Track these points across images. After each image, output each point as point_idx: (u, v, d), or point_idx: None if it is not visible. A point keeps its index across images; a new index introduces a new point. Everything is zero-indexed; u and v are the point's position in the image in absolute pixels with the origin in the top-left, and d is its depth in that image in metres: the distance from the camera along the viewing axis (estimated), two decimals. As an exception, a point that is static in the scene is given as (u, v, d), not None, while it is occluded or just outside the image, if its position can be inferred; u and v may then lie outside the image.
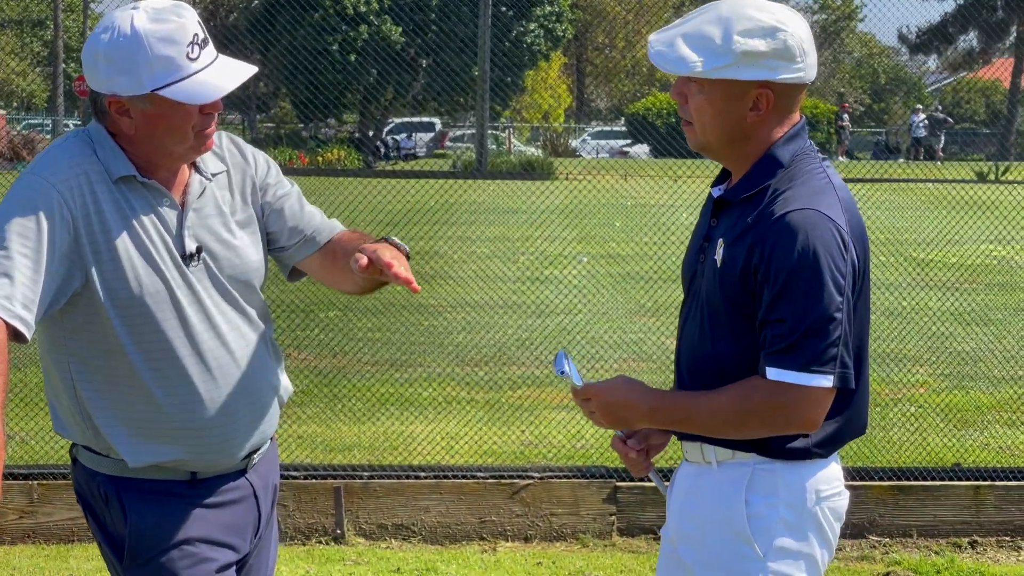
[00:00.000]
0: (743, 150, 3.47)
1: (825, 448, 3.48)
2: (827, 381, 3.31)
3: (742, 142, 3.46)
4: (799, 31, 3.40)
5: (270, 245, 3.86)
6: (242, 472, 3.82)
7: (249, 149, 3.85)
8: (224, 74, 3.61)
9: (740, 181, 3.49)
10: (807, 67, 3.42)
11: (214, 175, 3.75)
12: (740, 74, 3.37)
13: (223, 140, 3.83)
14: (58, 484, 7.35)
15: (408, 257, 3.69)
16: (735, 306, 3.40)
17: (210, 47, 3.61)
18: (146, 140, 3.60)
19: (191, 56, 3.55)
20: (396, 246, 3.69)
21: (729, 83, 3.39)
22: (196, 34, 3.57)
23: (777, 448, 3.43)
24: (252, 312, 3.78)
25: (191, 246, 3.64)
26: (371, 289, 3.75)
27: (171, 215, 3.64)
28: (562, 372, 3.60)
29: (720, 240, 3.45)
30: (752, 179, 3.45)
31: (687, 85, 3.45)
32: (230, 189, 3.78)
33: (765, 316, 3.33)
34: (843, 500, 3.56)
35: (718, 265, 3.43)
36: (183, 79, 3.53)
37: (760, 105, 3.41)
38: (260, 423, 3.79)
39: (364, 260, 3.52)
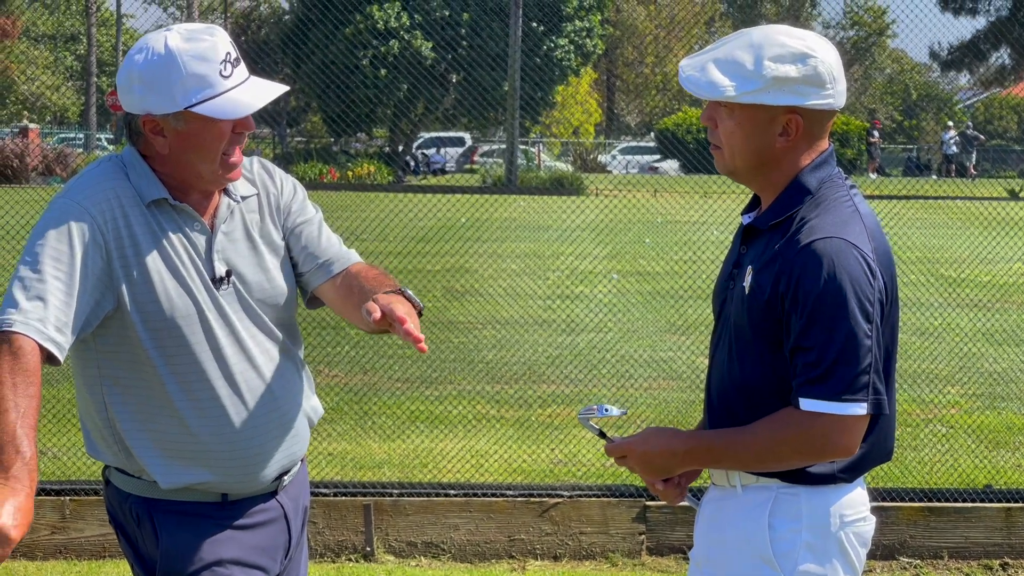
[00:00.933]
0: (771, 176, 3.49)
1: (849, 473, 3.48)
2: (860, 409, 3.32)
3: (770, 168, 3.47)
4: (829, 58, 3.42)
5: (293, 269, 3.88)
6: (273, 494, 3.83)
7: (279, 173, 3.88)
8: (255, 92, 3.65)
9: (768, 209, 3.50)
10: (837, 94, 3.44)
11: (244, 198, 3.78)
12: (770, 99, 3.38)
13: (254, 164, 3.86)
14: (90, 500, 7.38)
15: (420, 313, 3.67)
16: (762, 332, 3.41)
17: (242, 67, 3.66)
18: (178, 160, 3.64)
19: (224, 74, 3.59)
20: (410, 300, 3.67)
21: (759, 108, 3.41)
22: (228, 53, 3.62)
23: (801, 473, 3.44)
24: (282, 335, 3.80)
25: (221, 269, 3.67)
26: (379, 332, 3.73)
27: (201, 239, 3.68)
28: (588, 423, 3.75)
29: (749, 267, 3.47)
30: (780, 206, 3.47)
31: (717, 110, 3.47)
32: (260, 212, 3.81)
33: (795, 344, 3.34)
34: (868, 525, 3.56)
35: (746, 292, 3.45)
36: (216, 96, 3.58)
37: (789, 131, 3.43)
38: (290, 445, 3.81)
39: (377, 314, 3.52)
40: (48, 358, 3.45)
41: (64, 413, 8.73)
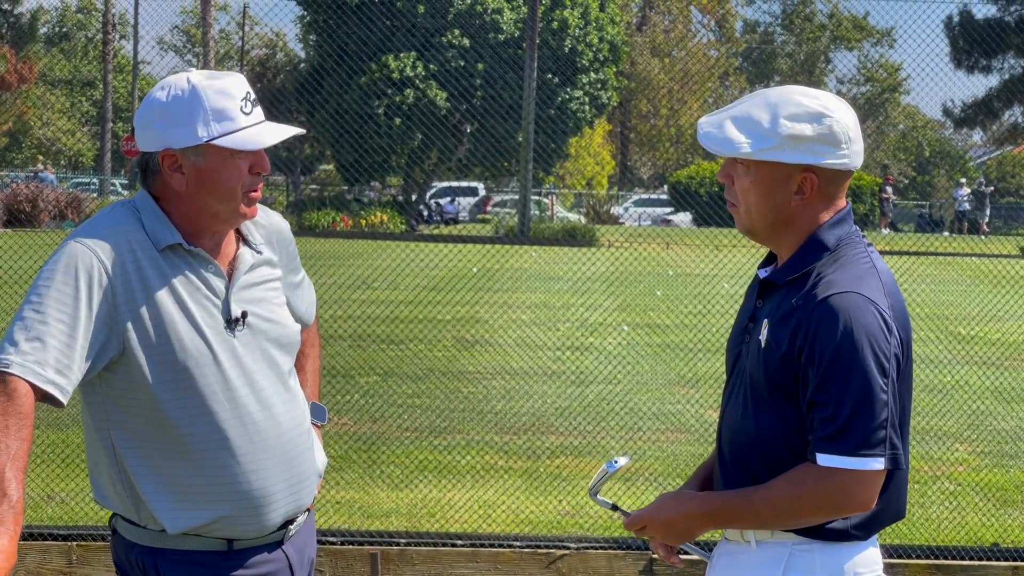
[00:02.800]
0: (787, 233, 3.52)
1: (863, 530, 3.48)
2: (878, 463, 3.33)
3: (786, 225, 3.50)
4: (845, 119, 3.45)
5: None
6: (278, 544, 3.83)
7: (285, 224, 3.97)
8: (274, 131, 3.71)
9: (786, 264, 3.52)
10: (852, 154, 3.47)
11: (260, 246, 3.81)
12: (785, 157, 3.42)
13: (265, 212, 3.90)
14: (97, 546, 7.37)
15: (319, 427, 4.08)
16: (778, 386, 3.42)
17: (259, 109, 3.72)
18: (194, 199, 3.66)
19: (244, 110, 3.65)
20: (314, 418, 4.03)
21: (775, 166, 3.44)
22: (248, 92, 3.69)
23: (816, 529, 3.44)
24: (294, 382, 3.83)
25: (236, 311, 3.69)
26: None
27: (217, 282, 3.69)
28: (599, 499, 3.84)
29: (765, 321, 3.49)
30: (797, 261, 3.49)
31: (734, 167, 3.50)
32: (271, 260, 3.84)
33: (812, 398, 3.35)
34: (881, 583, 3.56)
35: (762, 345, 3.46)
36: (237, 131, 3.63)
37: (804, 189, 3.45)
38: (297, 491, 3.81)
39: None
40: (49, 399, 3.46)
41: (73, 458, 8.74)
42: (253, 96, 3.69)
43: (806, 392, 3.37)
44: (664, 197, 44.56)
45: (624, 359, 13.50)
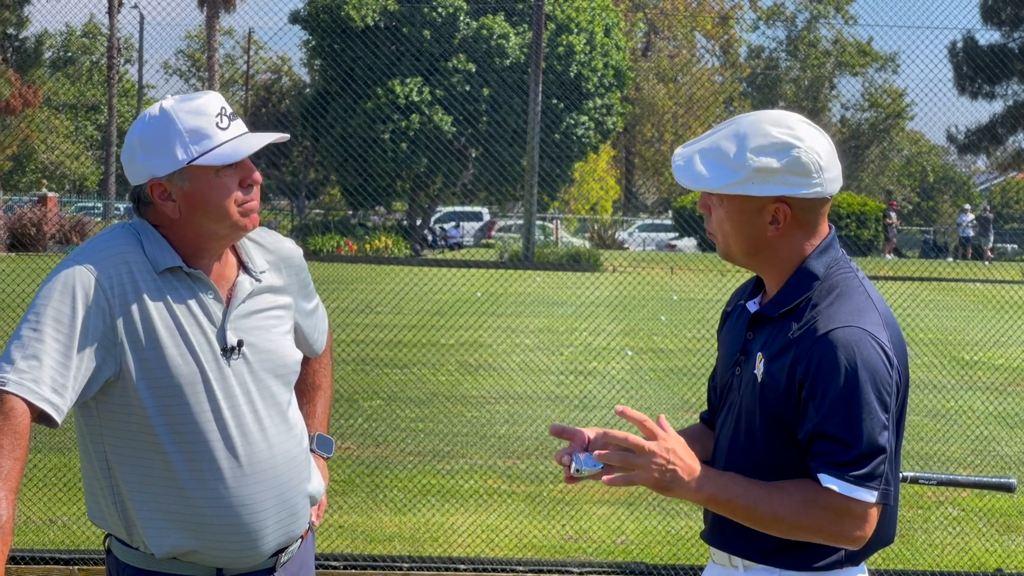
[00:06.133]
0: (770, 263, 3.49)
1: (853, 557, 3.47)
2: (873, 497, 3.30)
3: (767, 254, 3.47)
4: (816, 147, 3.39)
5: None
6: (270, 571, 3.81)
7: (298, 251, 3.94)
8: (254, 139, 3.68)
9: (776, 296, 3.49)
10: (825, 182, 3.41)
11: (262, 272, 3.80)
12: (755, 190, 3.38)
13: (273, 237, 3.89)
14: (98, 570, 7.38)
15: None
16: (774, 420, 3.40)
17: (239, 122, 3.70)
18: (189, 223, 3.65)
19: (220, 126, 3.63)
20: (323, 450, 4.11)
21: (745, 198, 3.40)
22: (223, 107, 3.66)
23: (804, 559, 3.42)
24: (290, 411, 3.81)
25: (232, 339, 3.67)
26: None
27: (215, 307, 3.68)
28: (578, 470, 3.42)
29: (759, 354, 3.45)
30: (788, 293, 3.46)
31: (709, 198, 3.48)
32: (275, 287, 3.82)
33: (815, 431, 3.30)
34: (869, 610, 3.55)
35: (759, 380, 3.43)
36: (216, 148, 3.61)
37: (778, 219, 3.41)
38: (288, 522, 3.79)
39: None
40: (44, 419, 3.45)
41: (74, 482, 8.74)
42: (229, 110, 3.67)
43: (804, 425, 3.34)
44: (668, 222, 44.63)
45: (628, 384, 13.50)
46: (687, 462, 3.32)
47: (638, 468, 3.31)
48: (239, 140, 3.65)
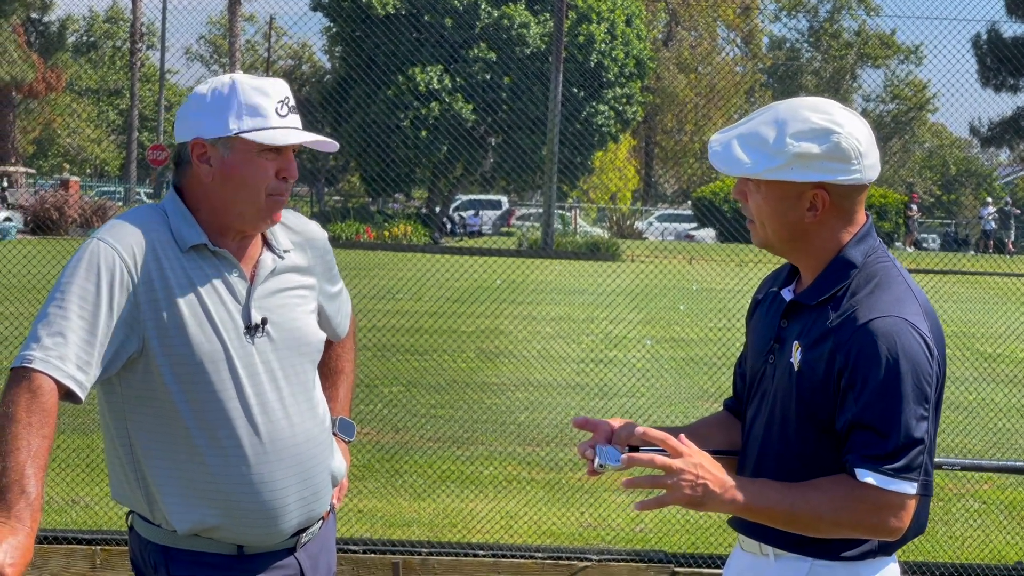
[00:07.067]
0: (807, 250, 3.46)
1: (886, 547, 3.45)
2: (913, 488, 3.28)
3: (804, 241, 3.45)
4: (856, 132, 3.38)
5: None
6: (291, 550, 3.82)
7: (322, 233, 3.95)
8: (305, 134, 3.72)
9: (813, 284, 3.46)
10: (864, 168, 3.39)
11: (286, 251, 3.81)
12: (794, 176, 3.36)
13: (299, 219, 3.90)
14: (120, 550, 7.38)
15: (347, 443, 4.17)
16: (809, 410, 3.37)
17: (297, 116, 3.74)
18: (219, 194, 3.67)
19: (279, 112, 3.67)
20: (344, 433, 4.13)
21: (784, 184, 3.38)
22: (288, 97, 3.71)
23: (837, 549, 3.41)
24: (314, 391, 3.82)
25: (256, 317, 3.68)
26: None
27: (240, 285, 3.69)
28: (602, 465, 3.39)
29: (796, 343, 3.42)
30: (826, 281, 3.43)
31: (746, 184, 3.46)
32: (299, 267, 3.83)
33: (854, 421, 3.28)
34: (901, 599, 3.53)
35: (795, 369, 3.40)
36: (267, 128, 3.65)
37: (817, 205, 3.39)
38: (309, 501, 3.79)
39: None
40: (69, 395, 3.46)
41: (97, 463, 8.77)
42: (292, 102, 3.72)
43: (843, 415, 3.31)
44: (688, 212, 44.56)
45: (647, 373, 13.49)
46: (716, 475, 3.29)
47: (668, 488, 3.27)
48: (290, 130, 3.69)
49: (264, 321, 3.69)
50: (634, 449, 3.43)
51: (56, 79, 44.72)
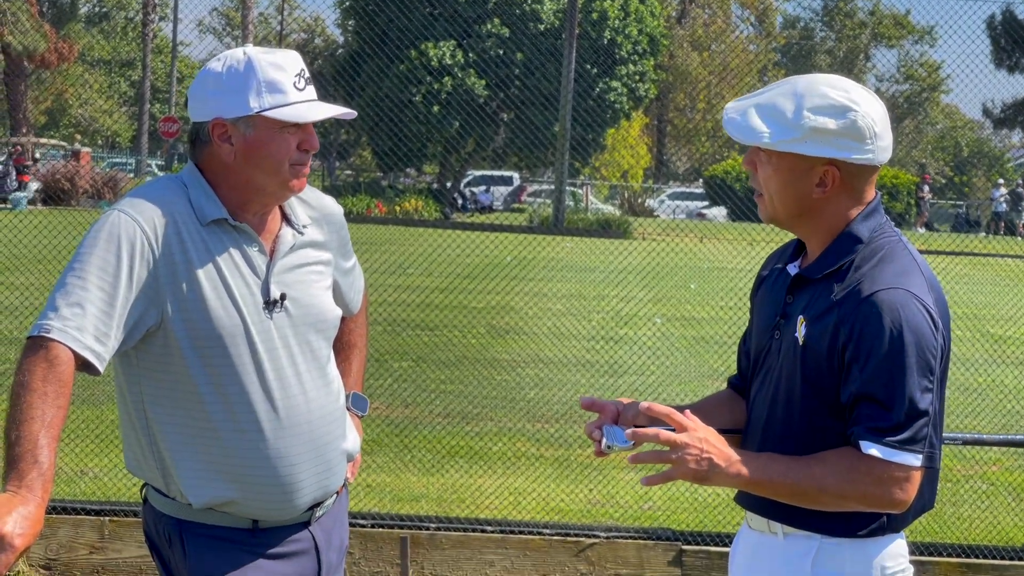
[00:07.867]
0: (814, 225, 3.46)
1: (894, 523, 3.46)
2: (917, 460, 3.28)
3: (811, 216, 3.45)
4: (872, 112, 3.38)
5: None
6: (305, 524, 3.83)
7: (338, 209, 3.96)
8: (324, 108, 3.72)
9: (819, 258, 3.47)
10: (878, 149, 3.40)
11: (305, 227, 3.81)
12: (808, 149, 3.36)
13: (316, 194, 3.90)
14: (129, 521, 7.41)
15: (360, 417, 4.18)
16: (814, 384, 3.38)
17: (312, 88, 3.73)
18: (241, 172, 3.66)
19: (297, 86, 3.66)
20: (357, 408, 4.14)
21: (796, 157, 3.38)
22: (303, 69, 3.70)
23: (845, 525, 3.41)
24: (329, 367, 3.83)
25: (275, 292, 3.68)
26: None
27: (259, 260, 3.69)
28: (609, 446, 3.42)
29: (800, 318, 3.43)
30: (831, 256, 3.43)
31: (757, 154, 3.46)
32: (316, 242, 3.84)
33: (858, 393, 3.29)
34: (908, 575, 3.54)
35: (800, 343, 3.41)
36: (287, 105, 3.64)
37: (826, 182, 3.39)
38: (324, 476, 3.80)
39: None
40: (86, 367, 3.46)
41: (107, 434, 8.78)
42: (307, 74, 3.70)
43: (848, 388, 3.31)
44: (699, 191, 44.50)
45: (657, 351, 13.49)
46: (721, 449, 3.30)
47: (673, 463, 3.28)
48: (310, 104, 3.68)
49: (283, 297, 3.69)
50: (641, 427, 3.43)
51: (68, 49, 44.67)
